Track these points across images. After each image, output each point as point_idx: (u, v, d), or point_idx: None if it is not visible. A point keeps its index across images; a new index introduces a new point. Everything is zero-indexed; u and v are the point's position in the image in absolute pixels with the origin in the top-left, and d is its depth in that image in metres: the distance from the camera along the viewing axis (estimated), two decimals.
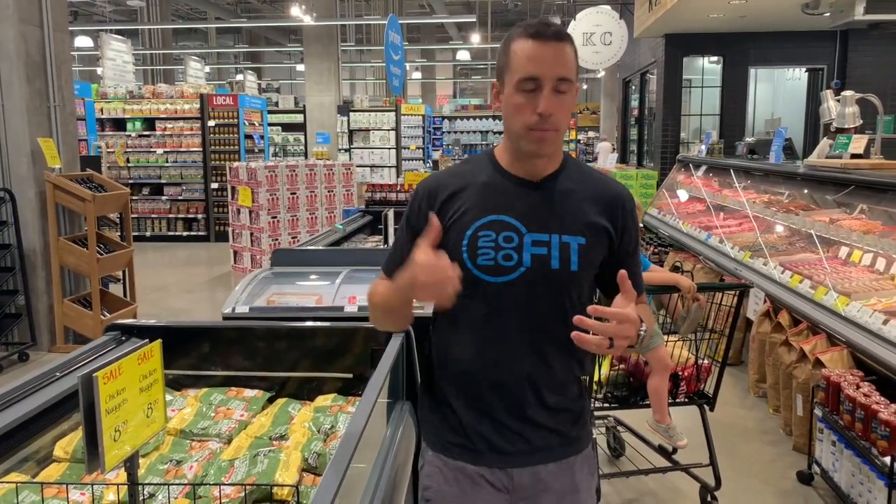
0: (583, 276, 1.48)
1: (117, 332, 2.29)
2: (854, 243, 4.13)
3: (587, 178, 1.53)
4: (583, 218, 1.47)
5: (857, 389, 3.00)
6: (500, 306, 1.47)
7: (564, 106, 1.41)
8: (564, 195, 1.48)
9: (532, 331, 1.48)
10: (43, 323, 5.66)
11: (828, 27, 8.26)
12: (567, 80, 1.39)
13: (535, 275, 1.44)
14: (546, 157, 1.47)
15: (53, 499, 1.62)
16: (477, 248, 1.45)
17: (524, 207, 1.46)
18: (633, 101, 13.35)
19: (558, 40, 1.39)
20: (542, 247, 1.44)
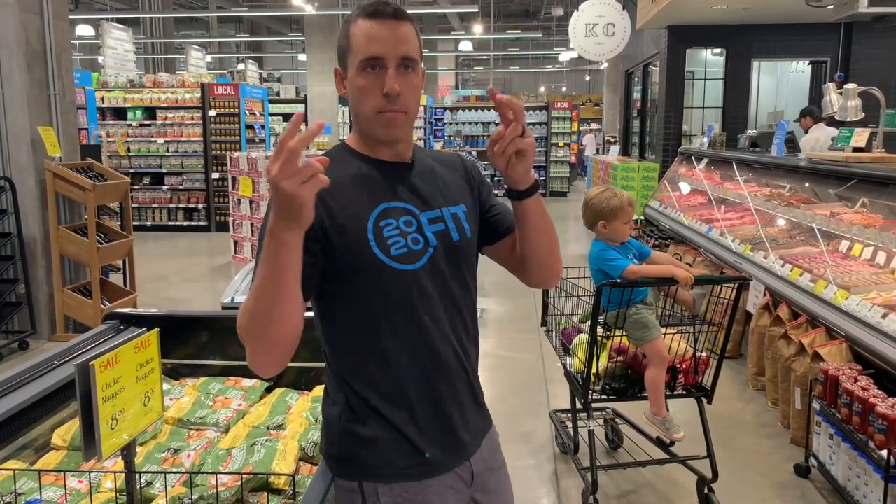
0: (474, 242, 1.51)
1: (116, 321, 2.30)
2: (855, 237, 4.12)
3: (431, 153, 1.57)
4: (452, 187, 1.50)
5: (855, 383, 3.00)
6: (421, 295, 1.37)
7: (411, 86, 1.36)
8: (431, 171, 1.49)
9: (450, 311, 1.42)
10: (43, 312, 5.67)
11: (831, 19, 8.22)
12: (411, 58, 1.35)
13: (442, 252, 1.40)
14: (403, 141, 1.43)
15: (51, 486, 1.63)
16: (385, 238, 1.34)
17: (408, 189, 1.42)
18: (636, 93, 13.31)
19: (397, 19, 1.35)
20: (438, 223, 1.42)
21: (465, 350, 1.46)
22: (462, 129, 17.06)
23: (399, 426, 1.37)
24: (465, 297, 1.47)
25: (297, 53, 25.02)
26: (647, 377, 3.00)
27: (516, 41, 30.51)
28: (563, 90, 37.20)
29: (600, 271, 3.03)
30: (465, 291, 1.47)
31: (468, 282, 1.48)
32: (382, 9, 1.34)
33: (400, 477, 1.37)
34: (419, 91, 1.40)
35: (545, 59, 32.68)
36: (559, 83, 38.03)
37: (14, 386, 1.81)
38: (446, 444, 1.41)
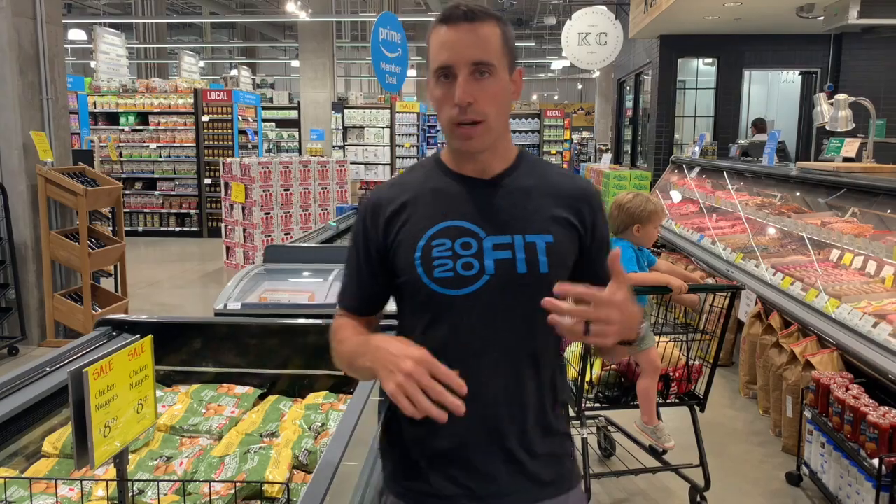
0: (554, 280, 1.22)
1: (108, 328, 2.29)
2: (845, 246, 4.15)
3: (547, 173, 1.38)
4: (547, 214, 1.32)
5: (847, 392, 3.02)
6: (463, 324, 1.29)
7: (487, 92, 1.25)
8: (524, 192, 1.33)
9: (501, 350, 1.29)
10: (33, 317, 5.63)
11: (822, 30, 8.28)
12: (483, 62, 1.24)
13: (501, 283, 1.27)
14: (485, 152, 1.31)
15: (42, 494, 1.61)
16: (432, 259, 1.28)
17: (481, 209, 1.31)
18: (628, 102, 13.37)
19: (471, 21, 1.24)
20: (505, 250, 1.28)
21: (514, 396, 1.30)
22: None
23: (412, 444, 1.35)
24: (525, 341, 1.31)
25: (291, 59, 25.02)
26: (639, 386, 3.00)
27: None
28: (555, 98, 37.33)
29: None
30: (526, 334, 1.30)
31: (538, 321, 1.21)
32: (454, 12, 1.26)
33: (398, 495, 1.38)
34: (500, 97, 1.28)
35: (537, 67, 32.81)
36: (551, 91, 38.17)
37: (5, 392, 1.80)
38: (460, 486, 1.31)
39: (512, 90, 1.31)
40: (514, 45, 1.32)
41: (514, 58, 1.31)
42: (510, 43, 1.29)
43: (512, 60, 1.30)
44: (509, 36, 1.29)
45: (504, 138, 1.34)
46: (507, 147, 1.36)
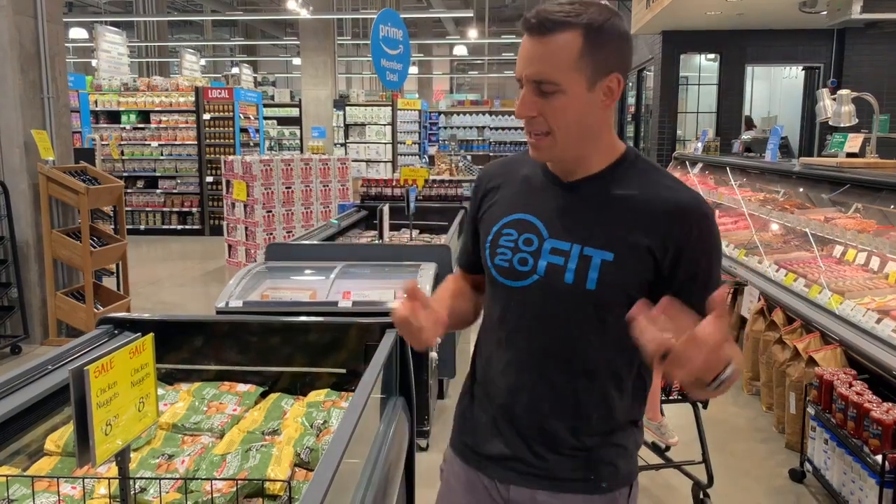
0: (604, 299, 1.24)
1: (110, 326, 2.28)
2: (849, 242, 4.14)
3: (646, 183, 1.27)
4: (617, 229, 1.24)
5: (850, 388, 3.01)
6: (511, 313, 1.34)
7: (551, 107, 1.21)
8: (603, 201, 1.27)
9: (538, 348, 1.32)
10: (36, 316, 5.64)
11: (825, 25, 8.27)
12: (542, 80, 1.19)
13: (547, 286, 1.27)
14: (565, 160, 1.29)
15: (44, 492, 1.61)
16: (497, 246, 1.33)
17: (551, 209, 1.30)
18: (630, 98, 13.35)
19: (540, 33, 1.18)
20: (559, 256, 1.26)
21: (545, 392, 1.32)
22: (457, 133, 17.09)
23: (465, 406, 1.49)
24: (561, 349, 1.30)
25: (292, 57, 25.04)
26: None
27: (511, 46, 30.56)
28: None
29: None
30: (562, 343, 1.29)
31: (575, 337, 1.27)
32: (527, 21, 1.20)
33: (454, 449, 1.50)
34: (569, 112, 1.21)
35: None
36: None
37: (7, 391, 1.80)
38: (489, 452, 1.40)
39: (601, 100, 1.24)
40: (613, 50, 1.21)
41: (608, 63, 1.21)
42: (596, 51, 1.19)
43: (598, 69, 1.20)
44: (596, 43, 1.19)
45: (591, 144, 1.28)
46: (602, 151, 1.30)
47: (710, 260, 1.26)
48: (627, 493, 1.38)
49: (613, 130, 1.33)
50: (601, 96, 1.23)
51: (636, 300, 1.14)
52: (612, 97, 1.24)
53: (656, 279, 1.25)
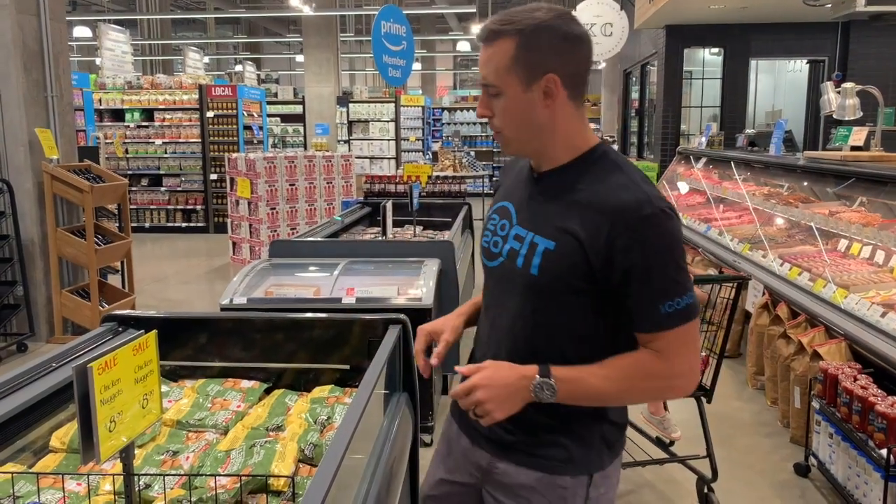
0: (544, 285, 1.34)
1: (114, 323, 2.29)
2: (853, 236, 4.13)
3: (599, 180, 1.34)
4: (562, 221, 1.32)
5: (855, 382, 3.00)
6: (488, 288, 1.53)
7: (498, 108, 1.34)
8: (557, 193, 1.36)
9: (501, 325, 1.46)
10: (41, 314, 5.66)
11: (829, 18, 8.22)
12: (488, 84, 1.33)
13: (506, 269, 1.42)
14: (526, 154, 1.44)
15: (49, 489, 1.62)
16: (486, 228, 1.51)
17: (523, 199, 1.43)
18: (634, 93, 13.32)
19: (484, 41, 1.33)
20: (518, 241, 1.39)
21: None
22: (460, 129, 17.06)
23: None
24: (517, 326, 1.41)
25: (295, 54, 25.01)
26: None
27: None
28: None
29: None
30: (521, 322, 1.40)
31: (528, 316, 1.38)
32: (480, 31, 1.35)
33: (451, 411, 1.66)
34: (511, 113, 1.34)
35: None
36: None
37: (12, 388, 1.81)
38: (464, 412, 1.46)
39: (541, 99, 1.32)
40: (547, 51, 1.29)
41: (542, 65, 1.29)
42: (531, 53, 1.29)
43: (533, 70, 1.29)
44: (528, 48, 1.28)
45: (547, 140, 1.37)
46: (563, 147, 1.38)
47: (649, 260, 1.26)
48: (587, 483, 1.41)
49: (582, 128, 1.39)
50: (540, 96, 1.31)
51: (580, 290, 1.31)
52: (552, 97, 1.31)
53: (593, 273, 1.30)
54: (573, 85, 1.33)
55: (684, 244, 5.57)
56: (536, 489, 1.42)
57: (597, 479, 1.42)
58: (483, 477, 1.51)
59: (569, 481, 1.41)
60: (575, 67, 1.33)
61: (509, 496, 1.45)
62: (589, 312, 1.35)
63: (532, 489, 1.42)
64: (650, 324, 1.29)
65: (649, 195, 1.28)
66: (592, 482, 1.42)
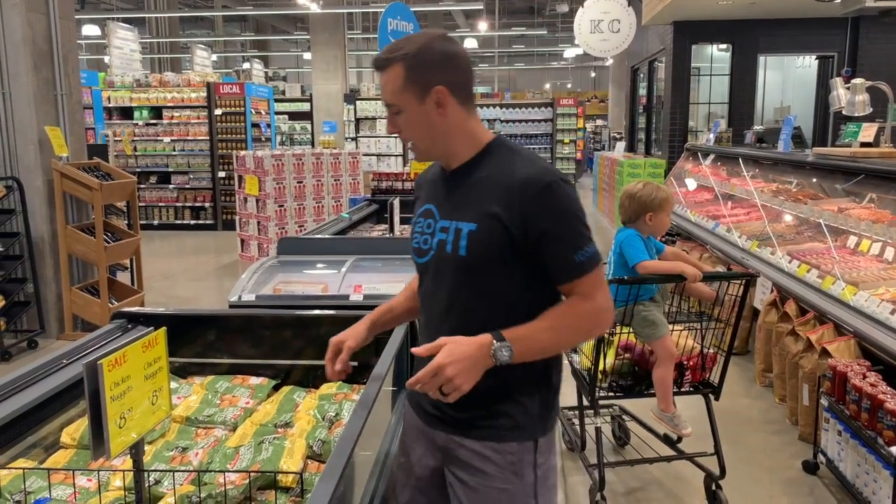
0: (474, 263, 1.50)
1: (123, 320, 2.31)
2: (863, 232, 4.10)
3: (504, 164, 1.54)
4: (479, 205, 1.51)
5: (864, 379, 2.99)
6: (424, 283, 1.65)
7: (402, 123, 1.54)
8: (471, 184, 1.55)
9: (445, 310, 1.58)
10: (51, 311, 5.69)
11: (839, 14, 8.17)
12: (388, 104, 1.54)
13: (437, 258, 1.57)
14: (436, 158, 1.62)
15: (60, 484, 1.63)
16: (413, 232, 1.66)
17: (441, 196, 1.61)
18: (642, 90, 13.27)
19: (378, 69, 1.54)
20: (444, 232, 1.55)
21: None
22: None
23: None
24: (453, 306, 1.56)
25: (303, 52, 25.03)
26: (656, 374, 2.99)
27: (521, 38, 30.43)
28: (568, 87, 37.10)
29: (620, 255, 3.03)
30: (457, 304, 1.55)
31: (463, 297, 1.54)
32: (375, 59, 1.55)
33: (409, 400, 1.75)
34: (415, 125, 1.54)
35: (550, 55, 32.61)
36: (564, 80, 37.93)
37: (23, 385, 1.82)
38: (419, 402, 1.66)
39: (434, 108, 1.52)
40: (432, 68, 1.50)
41: (430, 80, 1.49)
42: (418, 73, 1.49)
43: (423, 86, 1.50)
44: (416, 67, 1.49)
45: (451, 143, 1.56)
46: (466, 145, 1.57)
47: (556, 221, 1.47)
48: (533, 448, 1.57)
49: (477, 127, 1.59)
50: (433, 107, 1.51)
51: (506, 259, 1.49)
52: (444, 105, 1.52)
53: (515, 241, 1.48)
54: (460, 92, 1.53)
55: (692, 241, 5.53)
56: (489, 459, 1.55)
57: (541, 445, 1.58)
58: (443, 457, 1.63)
59: (516, 447, 1.56)
60: (457, 78, 1.53)
61: (466, 470, 1.58)
62: (516, 281, 1.52)
63: (485, 459, 1.55)
64: (570, 273, 1.49)
65: (545, 168, 1.51)
66: (538, 448, 1.58)
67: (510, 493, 1.55)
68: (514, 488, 1.55)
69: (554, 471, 1.64)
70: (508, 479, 1.55)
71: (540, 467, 1.58)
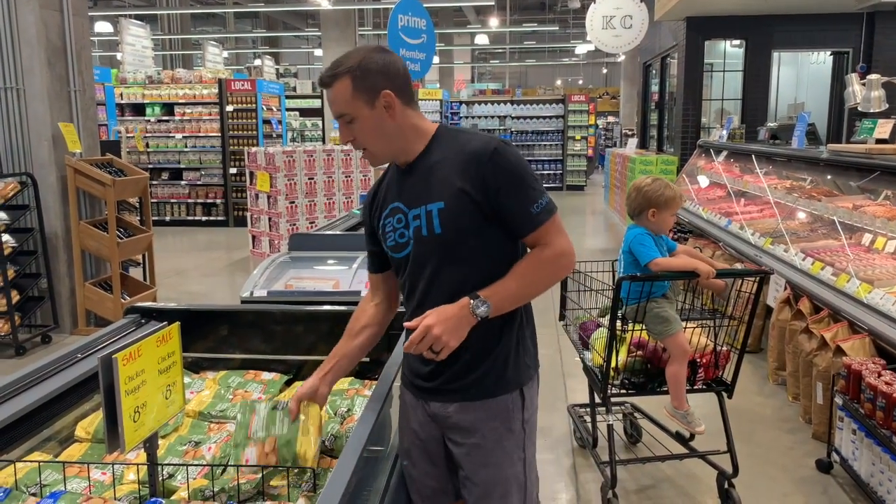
0: (451, 238, 1.65)
1: (137, 315, 2.32)
2: (878, 230, 4.06)
3: (452, 144, 1.69)
4: (442, 185, 1.65)
5: (879, 378, 2.96)
6: (406, 273, 1.75)
7: (356, 131, 1.66)
8: (429, 170, 1.69)
9: (434, 288, 1.70)
10: (65, 306, 5.74)
11: (854, 9, 8.10)
12: (342, 114, 1.65)
13: (417, 244, 1.69)
14: (391, 157, 1.74)
15: (75, 478, 1.64)
16: (385, 233, 1.76)
17: (405, 190, 1.72)
18: (654, 86, 13.19)
19: (325, 86, 1.67)
20: (418, 219, 1.68)
21: None
22: (478, 122, 17.03)
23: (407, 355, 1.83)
24: (441, 282, 1.68)
25: (314, 48, 25.08)
26: (669, 371, 2.97)
27: (532, 34, 30.33)
28: (579, 83, 36.99)
29: (630, 253, 3.01)
30: (443, 278, 1.68)
31: (448, 270, 1.67)
32: (321, 78, 1.69)
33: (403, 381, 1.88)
34: (368, 129, 1.66)
35: (562, 52, 32.48)
36: (576, 76, 37.81)
37: (38, 379, 1.83)
38: (415, 382, 1.81)
39: (384, 112, 1.65)
40: (375, 75, 1.63)
41: (376, 87, 1.63)
42: (364, 82, 1.63)
43: (371, 93, 1.63)
44: (361, 76, 1.63)
45: (403, 140, 1.70)
46: (416, 139, 1.71)
47: (512, 178, 1.63)
48: (520, 401, 1.75)
49: (422, 121, 1.73)
50: (382, 110, 1.65)
51: (478, 226, 1.64)
52: (392, 107, 1.65)
53: (481, 207, 1.63)
54: (403, 95, 1.67)
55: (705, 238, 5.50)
56: (482, 418, 1.72)
57: (527, 397, 1.76)
58: (439, 426, 1.78)
59: (505, 400, 1.73)
60: (398, 82, 1.67)
61: (464, 434, 1.73)
62: (491, 245, 1.67)
63: (481, 420, 1.71)
64: (529, 225, 1.64)
65: (489, 137, 1.67)
66: (524, 400, 1.75)
67: (504, 449, 1.72)
68: (508, 444, 1.73)
69: (536, 425, 1.83)
70: (502, 436, 1.72)
71: (527, 422, 1.77)
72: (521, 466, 1.75)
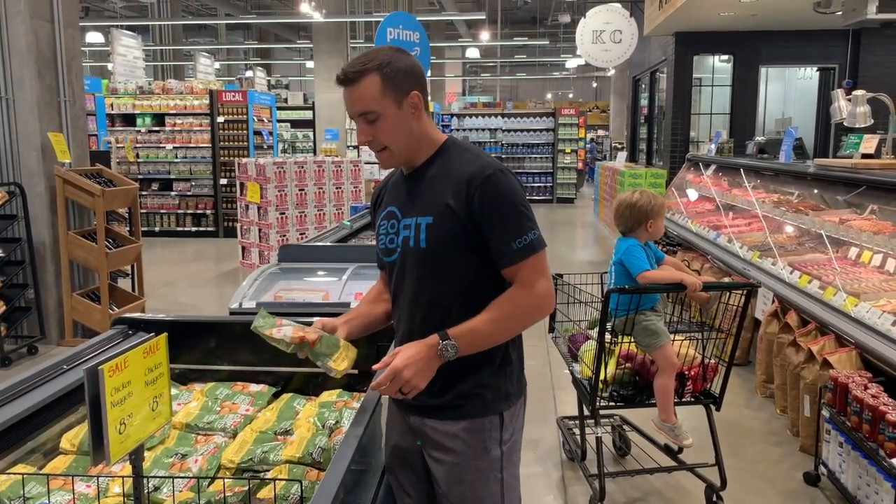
0: (435, 254, 1.65)
1: (124, 326, 2.31)
2: (864, 244, 4.10)
3: (455, 161, 1.68)
4: (434, 200, 1.65)
5: (865, 391, 2.98)
6: (394, 279, 1.76)
7: (381, 129, 1.63)
8: (428, 181, 1.69)
9: (413, 300, 1.71)
10: (52, 317, 5.69)
11: (840, 26, 8.20)
12: (367, 112, 1.61)
13: (404, 253, 1.70)
14: (403, 162, 1.72)
15: (59, 490, 1.63)
16: (379, 235, 1.79)
17: (402, 197, 1.74)
18: (643, 100, 13.31)
19: (348, 83, 1.61)
20: (408, 229, 1.69)
21: (418, 335, 1.65)
22: (469, 135, 17.09)
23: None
24: (423, 294, 1.68)
25: (305, 60, 25.15)
26: (657, 384, 2.98)
27: (523, 48, 30.51)
28: (570, 97, 37.21)
29: (621, 264, 3.05)
30: (426, 291, 1.68)
31: (431, 285, 1.67)
32: (338, 78, 1.64)
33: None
34: (393, 129, 1.63)
35: (552, 65, 32.73)
36: (566, 90, 38.05)
37: (23, 390, 1.82)
38: None
39: (411, 112, 1.64)
40: (404, 75, 1.61)
41: (404, 87, 1.62)
42: (394, 80, 1.60)
43: (399, 92, 1.61)
44: (391, 75, 1.60)
45: (416, 146, 1.69)
46: (427, 147, 1.71)
47: (500, 207, 1.60)
48: (499, 424, 1.71)
49: (434, 129, 1.74)
50: (410, 110, 1.64)
51: (461, 246, 1.62)
52: (418, 108, 1.65)
53: (466, 230, 1.62)
54: (425, 98, 1.68)
55: (694, 251, 5.53)
56: (459, 437, 1.69)
57: (507, 420, 1.72)
58: (419, 438, 1.76)
59: (484, 423, 1.70)
60: (423, 83, 1.67)
61: (441, 450, 1.72)
62: (472, 268, 1.66)
63: (456, 438, 1.69)
64: (508, 259, 1.61)
65: (489, 162, 1.65)
66: (504, 423, 1.71)
67: (479, 469, 1.70)
68: (482, 464, 1.70)
69: (518, 446, 1.79)
70: (478, 456, 1.70)
71: (506, 443, 1.73)
72: (498, 487, 1.72)
